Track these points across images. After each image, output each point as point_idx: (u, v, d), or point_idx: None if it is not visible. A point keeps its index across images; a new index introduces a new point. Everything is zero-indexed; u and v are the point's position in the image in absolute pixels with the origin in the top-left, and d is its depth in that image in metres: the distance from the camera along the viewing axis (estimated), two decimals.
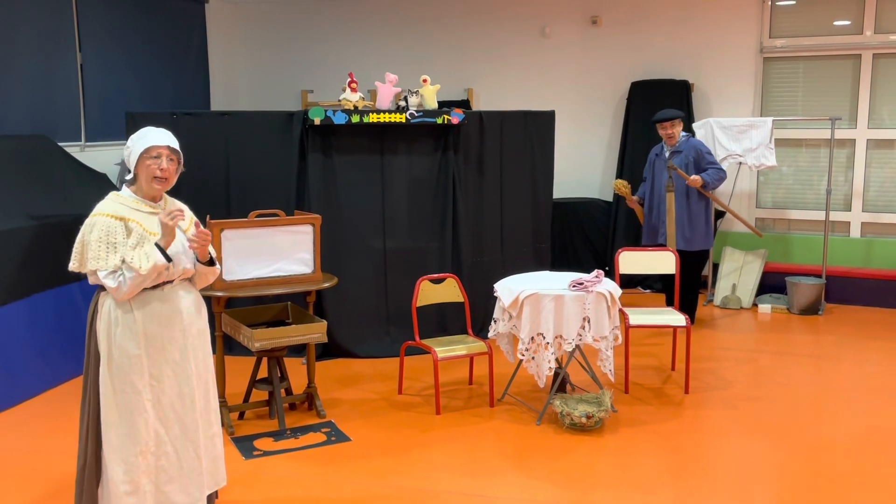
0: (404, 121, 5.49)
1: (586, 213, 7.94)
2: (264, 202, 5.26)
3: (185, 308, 3.10)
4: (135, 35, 7.14)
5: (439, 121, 5.58)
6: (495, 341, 4.72)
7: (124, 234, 2.95)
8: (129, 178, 3.10)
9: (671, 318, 5.07)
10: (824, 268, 7.10)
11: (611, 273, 5.36)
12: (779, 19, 7.55)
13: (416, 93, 5.57)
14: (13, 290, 4.83)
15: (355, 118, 5.37)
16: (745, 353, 5.81)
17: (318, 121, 5.34)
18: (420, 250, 5.81)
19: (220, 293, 4.29)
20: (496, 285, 4.67)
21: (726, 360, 5.61)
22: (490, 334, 4.73)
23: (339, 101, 5.47)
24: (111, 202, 3.03)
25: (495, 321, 4.66)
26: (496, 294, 4.62)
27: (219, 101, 8.43)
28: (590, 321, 4.35)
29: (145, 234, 2.98)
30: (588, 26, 8.05)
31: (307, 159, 5.52)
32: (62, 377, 5.13)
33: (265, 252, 4.44)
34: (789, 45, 7.49)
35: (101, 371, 2.98)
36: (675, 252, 5.43)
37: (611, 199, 7.96)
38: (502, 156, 6.16)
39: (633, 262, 5.35)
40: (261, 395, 4.72)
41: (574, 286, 4.41)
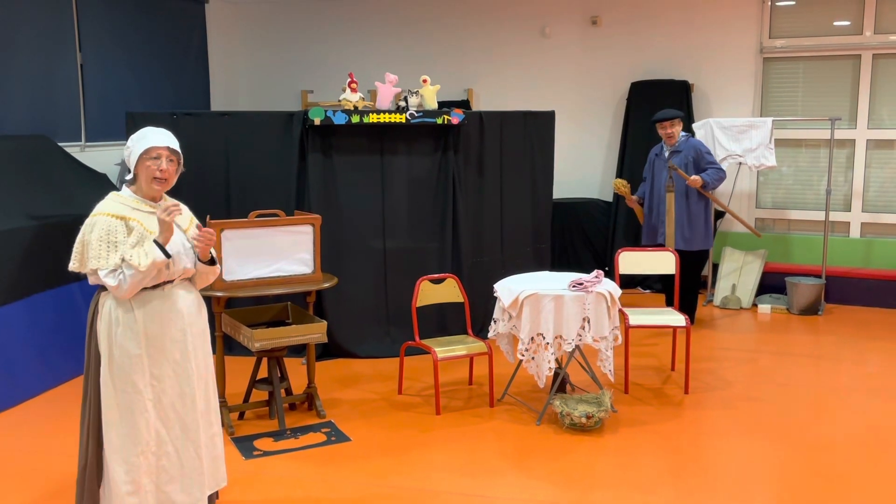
0: (404, 121, 5.49)
1: (586, 214, 7.94)
2: (264, 202, 5.27)
3: (186, 308, 3.10)
4: (135, 35, 7.14)
5: (439, 121, 5.58)
6: (495, 341, 4.72)
7: (125, 233, 2.96)
8: (129, 178, 3.10)
9: (671, 318, 5.07)
10: (824, 268, 7.10)
11: (610, 273, 5.36)
12: (779, 19, 7.55)
13: (416, 93, 5.57)
14: (13, 290, 4.83)
15: (355, 118, 5.37)
16: (745, 353, 5.81)
17: (318, 121, 5.34)
18: (420, 250, 5.81)
19: (220, 293, 4.29)
20: (496, 285, 4.67)
21: (726, 361, 5.61)
22: (490, 334, 4.73)
23: (339, 101, 5.47)
24: (111, 202, 3.03)
25: (495, 321, 4.66)
26: (496, 294, 4.62)
27: (219, 102, 8.43)
28: (589, 321, 4.35)
29: (146, 234, 2.99)
30: (588, 26, 8.05)
31: (307, 159, 5.52)
32: (62, 377, 5.13)
33: (265, 252, 4.44)
34: (789, 46, 7.49)
35: (102, 371, 2.98)
36: (675, 252, 5.43)
37: (611, 200, 7.96)
38: (502, 156, 6.16)
39: (632, 262, 5.35)
40: (261, 395, 4.72)
41: (574, 286, 4.41)
